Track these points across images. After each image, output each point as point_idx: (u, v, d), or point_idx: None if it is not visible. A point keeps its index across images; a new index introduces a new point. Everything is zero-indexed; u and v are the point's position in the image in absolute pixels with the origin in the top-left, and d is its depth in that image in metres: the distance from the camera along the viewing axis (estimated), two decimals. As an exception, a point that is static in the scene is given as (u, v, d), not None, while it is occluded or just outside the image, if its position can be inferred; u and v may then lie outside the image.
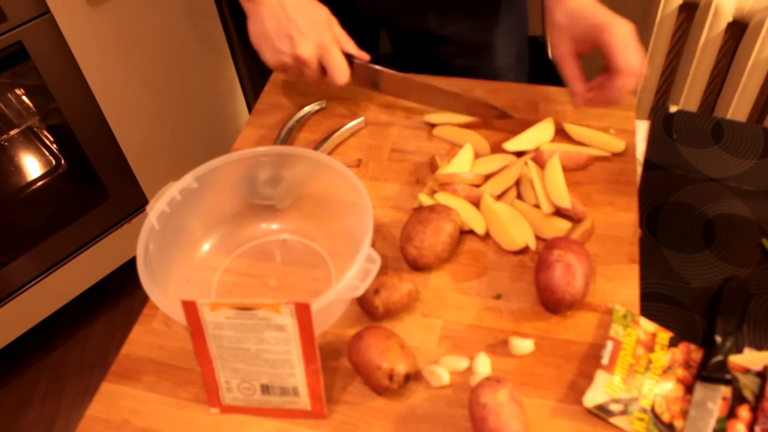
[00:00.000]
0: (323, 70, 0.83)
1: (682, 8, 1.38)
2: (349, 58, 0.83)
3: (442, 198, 0.77)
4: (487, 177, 0.80)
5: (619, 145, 0.82)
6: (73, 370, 1.69)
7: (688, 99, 1.46)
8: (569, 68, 0.81)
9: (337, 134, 0.87)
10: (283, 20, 0.80)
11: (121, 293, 1.82)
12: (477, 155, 0.83)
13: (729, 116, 1.42)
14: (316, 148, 0.86)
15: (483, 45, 1.02)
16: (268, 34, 0.81)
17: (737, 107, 1.39)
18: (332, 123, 0.90)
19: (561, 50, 0.81)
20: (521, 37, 0.83)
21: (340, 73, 0.82)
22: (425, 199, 0.78)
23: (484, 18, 0.85)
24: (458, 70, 0.91)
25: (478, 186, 0.79)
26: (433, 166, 0.82)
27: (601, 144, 0.82)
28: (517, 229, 0.74)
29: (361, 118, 0.89)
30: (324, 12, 0.83)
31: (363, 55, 0.86)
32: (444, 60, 1.04)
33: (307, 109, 0.92)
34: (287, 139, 0.88)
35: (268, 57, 0.83)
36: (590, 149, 0.82)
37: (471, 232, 0.75)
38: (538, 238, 0.74)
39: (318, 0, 0.83)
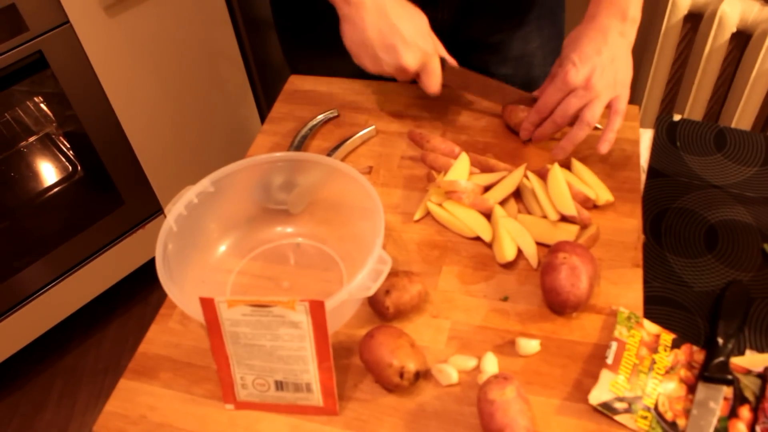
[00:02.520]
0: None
1: (687, 19, 1.39)
2: (441, 62, 0.84)
3: (450, 206, 0.79)
4: (486, 188, 0.81)
5: (607, 196, 0.79)
6: (87, 373, 1.71)
7: (692, 108, 1.48)
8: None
9: (348, 142, 0.89)
10: (386, 29, 0.78)
11: (134, 298, 1.83)
12: (471, 172, 0.83)
13: (733, 125, 1.43)
14: (329, 155, 0.87)
15: (524, 54, 1.02)
16: (370, 44, 0.79)
17: (741, 116, 1.41)
18: (344, 131, 0.92)
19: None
20: (558, 48, 0.85)
21: (436, 84, 0.83)
22: (433, 207, 0.80)
23: (529, 29, 0.86)
24: (497, 78, 0.93)
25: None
26: (429, 178, 0.84)
27: (594, 187, 0.80)
28: (520, 241, 0.75)
29: (372, 127, 0.91)
30: (424, 19, 0.81)
31: (452, 61, 0.86)
32: (484, 68, 1.03)
33: (319, 117, 0.94)
34: (300, 146, 0.90)
35: (369, 65, 0.82)
36: (584, 187, 0.79)
37: (478, 238, 0.77)
38: (548, 246, 0.75)
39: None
